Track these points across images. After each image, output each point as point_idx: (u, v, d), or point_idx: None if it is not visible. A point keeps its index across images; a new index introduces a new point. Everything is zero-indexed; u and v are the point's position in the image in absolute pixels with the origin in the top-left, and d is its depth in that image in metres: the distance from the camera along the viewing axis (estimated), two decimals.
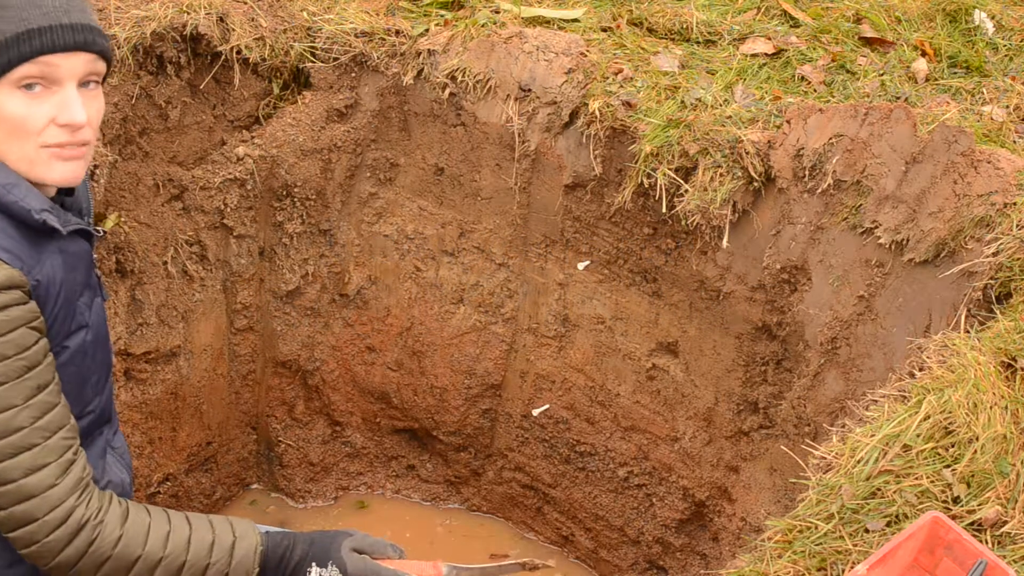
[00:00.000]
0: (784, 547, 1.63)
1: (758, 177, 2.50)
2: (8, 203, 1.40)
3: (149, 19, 2.61)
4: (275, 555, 1.69)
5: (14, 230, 1.41)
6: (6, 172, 1.42)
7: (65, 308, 1.51)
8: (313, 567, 1.71)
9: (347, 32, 2.87)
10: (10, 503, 1.42)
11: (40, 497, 1.43)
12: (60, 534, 1.45)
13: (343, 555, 1.72)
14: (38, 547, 1.45)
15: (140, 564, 1.52)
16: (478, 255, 3.12)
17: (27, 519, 1.44)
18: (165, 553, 1.54)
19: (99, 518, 1.49)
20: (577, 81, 2.71)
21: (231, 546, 1.62)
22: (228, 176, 2.87)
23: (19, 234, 1.42)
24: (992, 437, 1.70)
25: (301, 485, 3.47)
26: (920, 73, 2.74)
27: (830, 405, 2.41)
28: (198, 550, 1.58)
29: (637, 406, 3.05)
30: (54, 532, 1.45)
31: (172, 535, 1.56)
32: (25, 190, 1.42)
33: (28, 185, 1.43)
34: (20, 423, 1.40)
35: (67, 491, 1.45)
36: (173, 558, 1.55)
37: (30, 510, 1.43)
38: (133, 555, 1.51)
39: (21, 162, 1.43)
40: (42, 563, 1.47)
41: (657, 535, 3.13)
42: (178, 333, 2.97)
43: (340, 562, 1.72)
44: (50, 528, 1.45)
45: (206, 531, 1.60)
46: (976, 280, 2.12)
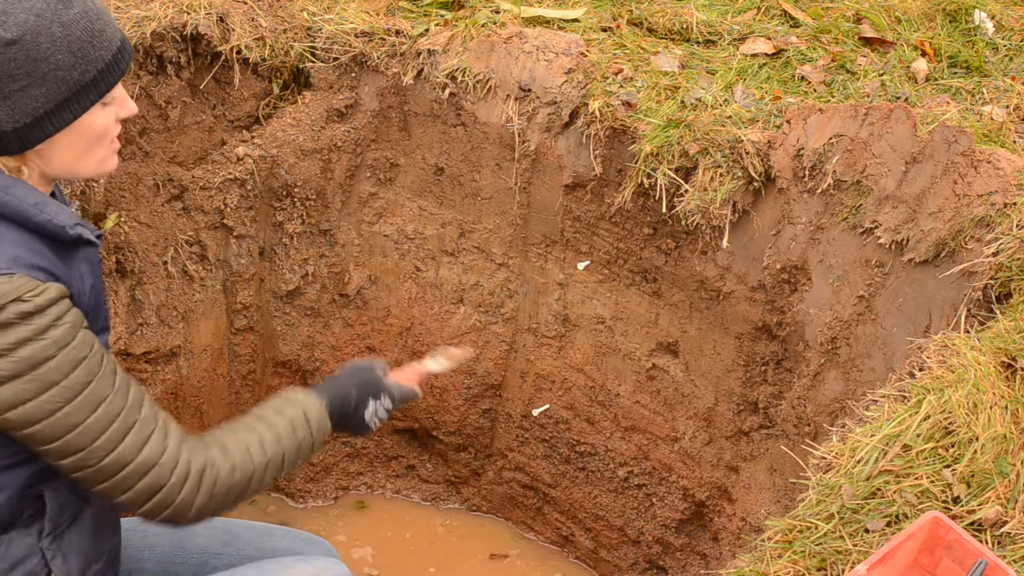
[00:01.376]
0: (784, 547, 1.63)
1: (758, 177, 2.50)
2: (42, 223, 1.46)
3: (149, 19, 2.61)
4: (338, 406, 1.83)
5: (45, 247, 1.47)
6: (33, 192, 1.48)
7: (94, 313, 1.59)
8: (370, 403, 1.88)
9: (347, 32, 2.87)
10: (135, 480, 1.52)
11: (159, 464, 1.53)
12: (188, 488, 1.56)
13: (387, 384, 1.92)
14: (173, 508, 1.56)
15: (255, 477, 1.66)
16: (478, 255, 3.12)
17: (155, 488, 1.54)
18: (268, 457, 1.67)
19: (210, 459, 1.60)
20: (577, 81, 2.71)
21: (305, 419, 1.75)
22: (228, 176, 2.87)
23: (49, 251, 1.48)
24: (992, 437, 1.70)
25: (301, 485, 3.47)
26: (920, 73, 2.75)
27: (830, 405, 2.41)
28: (287, 439, 1.71)
29: (637, 406, 3.05)
30: (183, 489, 1.55)
31: (263, 440, 1.68)
32: (55, 208, 1.48)
33: (56, 202, 1.50)
34: (117, 407, 1.49)
35: (176, 449, 1.56)
36: (274, 456, 1.68)
37: (155, 479, 1.53)
38: (248, 473, 1.64)
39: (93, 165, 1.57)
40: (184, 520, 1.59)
41: (657, 535, 3.13)
42: (178, 333, 2.97)
43: (387, 389, 1.92)
44: (178, 487, 1.55)
45: (281, 419, 1.72)
46: (976, 280, 2.12)
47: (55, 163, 1.52)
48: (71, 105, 1.47)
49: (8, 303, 1.38)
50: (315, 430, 1.76)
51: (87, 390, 1.45)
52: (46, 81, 1.43)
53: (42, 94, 1.43)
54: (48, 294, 1.42)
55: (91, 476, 1.50)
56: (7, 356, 1.39)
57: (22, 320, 1.39)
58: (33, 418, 1.43)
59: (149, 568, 1.98)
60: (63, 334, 1.43)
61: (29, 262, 1.43)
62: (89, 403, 1.46)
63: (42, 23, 1.41)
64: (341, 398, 1.84)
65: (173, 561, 2.00)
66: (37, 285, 1.41)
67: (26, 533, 1.59)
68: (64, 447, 1.46)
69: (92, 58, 1.47)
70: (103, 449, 1.48)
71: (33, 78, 1.42)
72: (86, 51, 1.46)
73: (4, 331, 1.38)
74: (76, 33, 1.45)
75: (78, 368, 1.44)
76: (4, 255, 1.41)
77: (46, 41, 1.42)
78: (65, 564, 1.62)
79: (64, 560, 1.62)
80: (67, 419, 1.44)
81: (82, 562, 1.66)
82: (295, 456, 1.73)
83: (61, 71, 1.44)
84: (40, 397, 1.42)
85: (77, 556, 1.65)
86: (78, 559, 1.65)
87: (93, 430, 1.46)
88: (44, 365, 1.41)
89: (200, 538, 2.03)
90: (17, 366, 1.39)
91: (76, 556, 1.65)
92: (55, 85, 1.44)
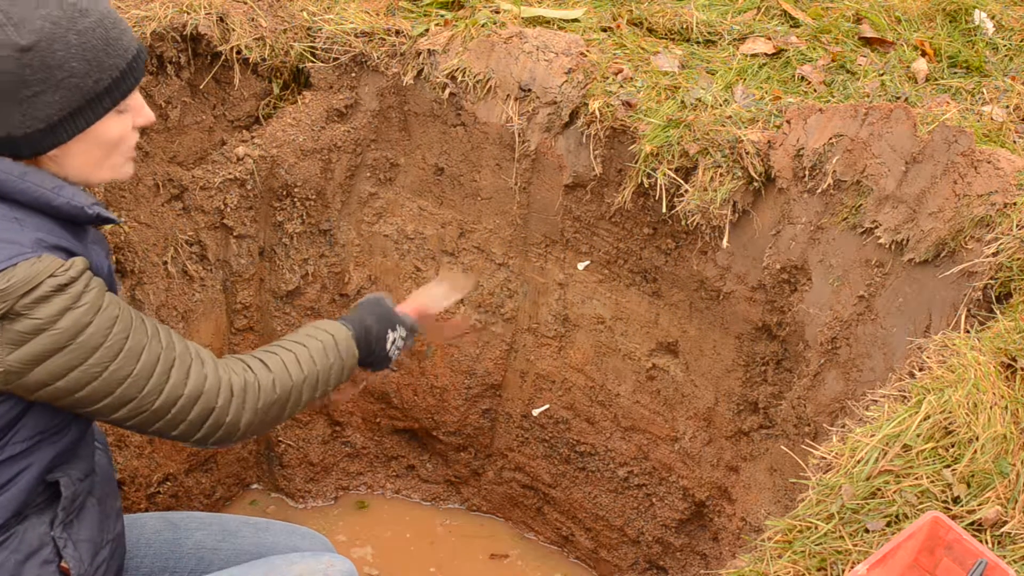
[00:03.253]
0: (784, 547, 1.63)
1: (758, 177, 2.50)
2: (59, 205, 1.51)
3: (149, 19, 2.61)
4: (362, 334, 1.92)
5: (62, 229, 1.52)
6: (48, 176, 1.51)
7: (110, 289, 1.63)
8: (389, 333, 1.98)
9: (347, 32, 2.87)
10: (187, 413, 1.61)
11: (205, 392, 1.62)
12: (235, 406, 1.66)
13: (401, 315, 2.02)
14: (225, 428, 1.66)
15: (293, 392, 1.74)
16: (478, 255, 3.12)
17: (206, 414, 1.63)
18: (305, 374, 1.76)
19: (252, 375, 1.69)
20: (577, 81, 2.71)
21: (335, 343, 1.84)
22: (228, 176, 2.87)
23: (66, 232, 1.53)
24: (992, 437, 1.70)
25: (301, 485, 3.47)
26: (920, 73, 2.75)
27: (830, 405, 2.41)
28: (321, 359, 1.80)
29: (637, 406, 3.05)
30: (231, 408, 1.65)
31: (299, 357, 1.77)
32: (72, 190, 1.53)
33: (71, 185, 1.54)
34: (156, 351, 1.58)
35: (215, 372, 1.65)
36: (310, 374, 1.77)
37: (205, 406, 1.62)
38: (288, 387, 1.73)
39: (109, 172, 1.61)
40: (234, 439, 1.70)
41: (657, 535, 3.13)
42: (178, 333, 2.97)
43: (400, 321, 2.02)
44: (225, 408, 1.65)
45: (314, 342, 1.81)
46: (976, 280, 2.12)
47: (70, 169, 1.55)
48: (85, 113, 1.50)
49: (44, 279, 1.43)
50: (344, 355, 1.85)
51: (128, 344, 1.53)
52: (60, 88, 1.45)
53: (56, 101, 1.46)
54: (76, 266, 1.48)
55: (146, 419, 1.59)
56: (49, 329, 1.44)
57: (58, 291, 1.44)
58: (81, 382, 1.49)
59: (146, 564, 1.99)
60: (95, 297, 1.49)
61: (52, 243, 1.48)
62: (132, 355, 1.53)
63: (58, 31, 1.43)
64: (364, 328, 1.93)
65: (170, 557, 2.01)
66: (64, 261, 1.47)
67: (39, 522, 1.61)
68: (117, 400, 1.54)
69: (107, 66, 1.49)
70: (154, 393, 1.56)
71: (47, 85, 1.44)
72: (101, 59, 1.48)
73: (44, 303, 1.43)
74: (92, 41, 1.47)
75: (115, 326, 1.51)
76: (28, 239, 1.45)
77: (61, 48, 1.44)
78: (76, 552, 1.65)
79: (75, 548, 1.65)
80: (115, 374, 1.52)
81: (91, 550, 1.69)
82: (327, 378, 1.81)
83: (76, 78, 1.46)
84: (87, 361, 1.48)
85: (86, 544, 1.68)
86: (87, 547, 1.68)
87: (141, 378, 1.55)
88: (85, 331, 1.47)
89: (196, 534, 2.04)
90: (60, 337, 1.45)
91: (85, 544, 1.67)
92: (69, 92, 1.46)
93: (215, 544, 2.04)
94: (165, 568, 2.00)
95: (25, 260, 1.42)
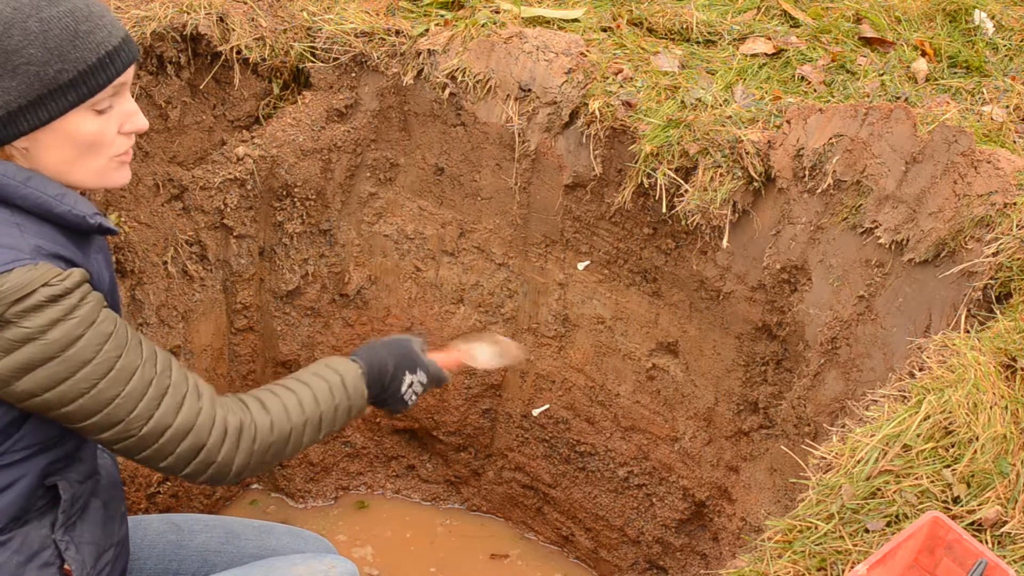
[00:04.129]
0: (784, 547, 1.63)
1: (758, 177, 2.50)
2: (61, 213, 1.48)
3: (149, 19, 2.61)
4: (375, 373, 1.85)
5: (63, 237, 1.49)
6: (52, 183, 1.49)
7: (111, 302, 1.62)
8: (406, 375, 1.89)
9: (347, 32, 2.87)
10: (176, 445, 1.56)
11: (196, 425, 1.57)
12: (228, 446, 1.60)
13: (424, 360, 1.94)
14: (216, 467, 1.60)
15: (293, 434, 1.69)
16: (478, 255, 3.12)
17: (195, 450, 1.57)
18: (306, 416, 1.71)
19: (248, 416, 1.64)
20: (577, 81, 2.71)
21: (342, 383, 1.78)
22: (228, 176, 2.87)
23: (68, 240, 1.50)
24: (992, 437, 1.70)
25: (301, 485, 3.47)
26: (920, 73, 2.74)
27: (830, 405, 2.41)
28: (325, 400, 1.74)
29: (637, 406, 3.05)
30: (223, 447, 1.60)
31: (301, 399, 1.72)
32: (74, 198, 1.50)
33: (74, 192, 1.52)
34: (149, 375, 1.53)
35: (211, 408, 1.60)
36: (312, 416, 1.72)
37: (194, 441, 1.57)
38: (287, 430, 1.68)
39: (91, 175, 1.55)
40: (227, 479, 1.62)
41: (657, 535, 3.13)
42: (178, 333, 2.98)
43: (423, 366, 1.93)
44: (217, 446, 1.59)
45: (319, 382, 1.76)
46: (976, 280, 2.12)
47: (42, 165, 1.51)
48: (47, 103, 1.46)
49: (38, 287, 1.41)
50: (352, 395, 1.79)
51: (119, 363, 1.49)
52: (17, 75, 1.43)
53: (13, 87, 1.43)
54: (73, 277, 1.45)
55: (133, 446, 1.54)
56: (39, 339, 1.42)
57: (51, 302, 1.42)
58: (68, 397, 1.46)
59: (150, 567, 1.99)
60: (89, 312, 1.46)
61: (50, 251, 1.46)
62: (122, 376, 1.49)
63: (18, 16, 1.42)
64: (378, 367, 1.85)
65: (173, 559, 2.01)
66: (61, 271, 1.44)
67: (40, 525, 1.61)
68: (103, 421, 1.50)
69: (72, 58, 1.45)
70: (141, 418, 1.52)
71: (4, 69, 1.42)
72: (65, 50, 1.45)
73: (36, 313, 1.41)
74: (55, 31, 1.44)
75: (107, 343, 1.48)
76: (27, 245, 1.43)
77: (19, 34, 1.42)
78: (79, 555, 1.64)
79: (77, 551, 1.64)
80: (103, 394, 1.48)
81: (94, 552, 1.68)
82: (332, 419, 1.76)
83: (34, 66, 1.43)
84: (75, 375, 1.45)
85: (89, 547, 1.67)
86: (90, 549, 1.67)
87: (129, 401, 1.50)
88: (75, 344, 1.44)
89: (200, 536, 2.04)
90: (48, 348, 1.42)
91: (88, 547, 1.67)
92: (27, 80, 1.43)
93: (219, 547, 2.04)
94: (168, 570, 2.00)
95: (22, 266, 1.40)
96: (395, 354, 1.90)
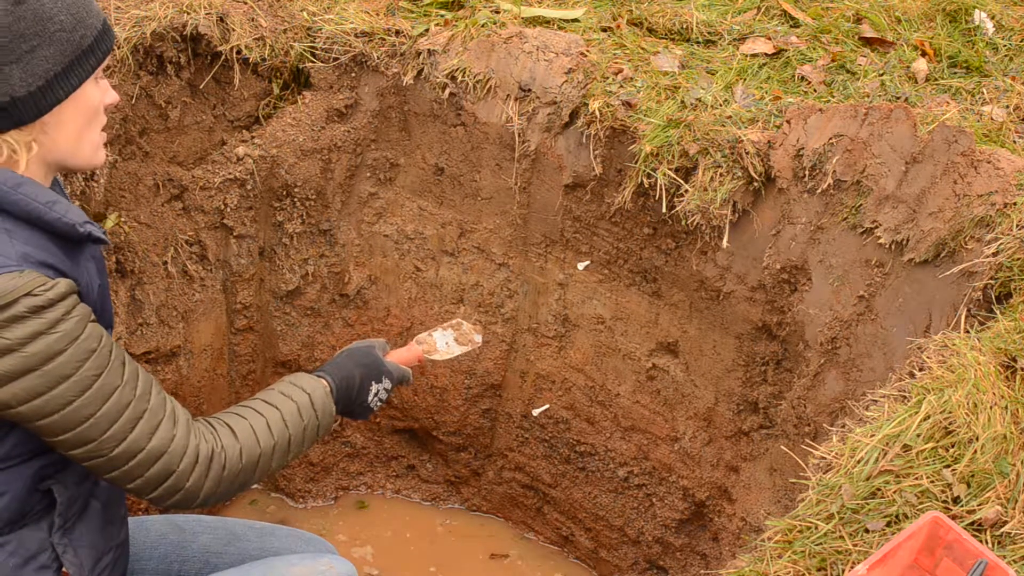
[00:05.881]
0: (784, 547, 1.63)
1: (758, 177, 2.50)
2: (51, 220, 1.47)
3: (149, 19, 2.61)
4: (344, 388, 1.86)
5: (53, 245, 1.49)
6: (43, 190, 1.49)
7: (101, 312, 1.61)
8: (373, 385, 1.91)
9: (347, 32, 2.87)
10: (146, 468, 1.55)
11: (168, 452, 1.56)
12: (197, 473, 1.60)
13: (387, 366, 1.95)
14: (183, 493, 1.60)
15: (262, 459, 1.69)
16: (478, 255, 3.12)
17: (165, 475, 1.57)
18: (275, 440, 1.70)
19: (218, 443, 1.63)
20: (577, 81, 2.71)
21: (310, 403, 1.77)
22: (228, 176, 2.87)
23: (57, 248, 1.49)
24: (992, 437, 1.70)
25: (301, 485, 3.47)
26: (920, 73, 2.74)
27: (830, 405, 2.41)
28: (293, 421, 1.73)
29: (637, 406, 3.05)
30: (192, 474, 1.59)
31: (270, 423, 1.71)
32: (65, 206, 1.50)
33: (65, 200, 1.52)
34: (127, 398, 1.52)
35: (185, 435, 1.59)
36: (280, 439, 1.71)
37: (165, 466, 1.56)
38: (256, 456, 1.67)
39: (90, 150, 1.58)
40: (193, 504, 1.62)
41: (657, 535, 3.13)
42: (178, 333, 2.98)
43: (387, 373, 1.95)
44: (187, 473, 1.58)
45: (287, 403, 1.75)
46: (976, 280, 2.12)
47: (59, 139, 1.53)
48: (76, 69, 1.50)
49: (20, 297, 1.39)
50: (320, 414, 1.78)
51: (97, 382, 1.48)
52: (53, 42, 1.46)
53: (51, 55, 1.46)
54: (58, 289, 1.43)
55: (103, 465, 1.53)
56: (18, 351, 1.40)
57: (34, 314, 1.40)
58: (44, 411, 1.45)
59: (151, 567, 1.99)
60: (73, 327, 1.45)
61: (38, 259, 1.44)
62: (100, 395, 1.48)
63: None
64: (346, 382, 1.86)
65: (175, 560, 2.01)
66: (46, 281, 1.43)
67: (37, 528, 1.61)
68: (76, 438, 1.49)
69: (88, 24, 1.51)
70: (114, 439, 1.51)
71: (42, 38, 1.45)
72: (83, 16, 1.50)
73: (16, 325, 1.39)
74: None
75: (88, 361, 1.46)
76: (14, 252, 1.42)
77: (49, 1, 1.45)
78: (76, 557, 1.64)
79: (75, 553, 1.64)
80: (78, 412, 1.47)
81: (93, 555, 1.68)
82: (301, 440, 1.75)
83: (65, 32, 1.47)
84: (52, 391, 1.44)
85: (87, 549, 1.67)
86: (88, 552, 1.67)
87: (104, 421, 1.49)
88: (55, 359, 1.43)
89: (202, 537, 2.04)
90: (28, 361, 1.41)
91: (86, 549, 1.66)
92: (61, 46, 1.47)
93: (220, 548, 2.04)
94: (170, 571, 2.00)
95: (7, 273, 1.39)
96: (361, 365, 1.91)
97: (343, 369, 1.88)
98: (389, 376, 1.96)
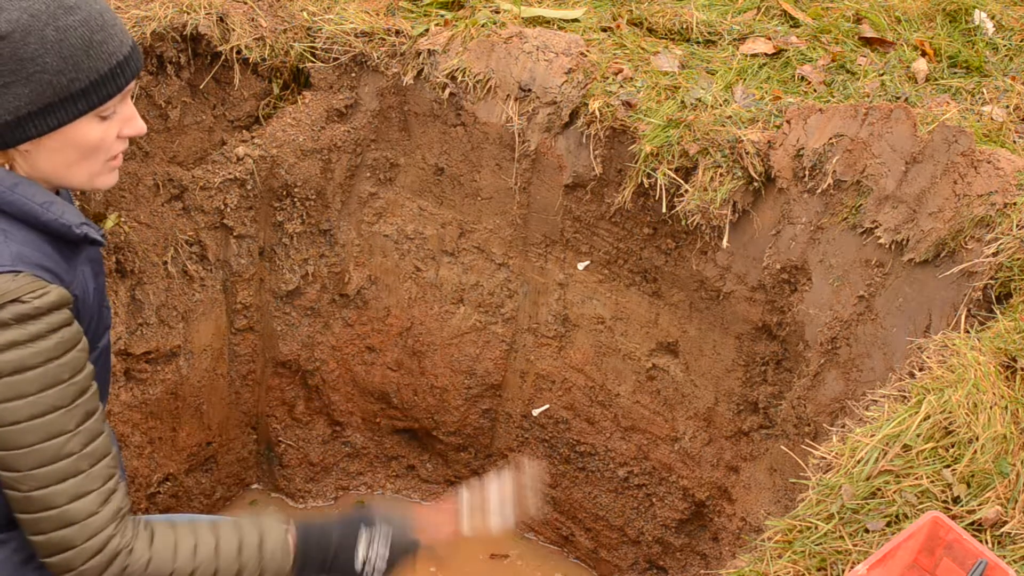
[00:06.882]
0: (784, 547, 1.63)
1: (758, 177, 2.50)
2: (48, 221, 1.45)
3: (149, 19, 2.61)
4: (313, 541, 1.69)
5: (49, 247, 1.46)
6: (40, 190, 1.47)
7: (97, 314, 1.58)
8: (359, 551, 1.69)
9: (347, 32, 2.87)
10: (51, 528, 1.46)
11: (80, 524, 1.46)
12: (95, 563, 1.48)
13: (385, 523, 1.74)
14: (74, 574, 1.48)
15: None
16: (478, 255, 3.12)
17: (65, 546, 1.46)
18: (195, 565, 1.57)
19: (129, 545, 1.51)
20: (577, 81, 2.71)
21: (258, 545, 1.63)
22: (228, 176, 2.87)
23: (53, 250, 1.46)
24: (992, 437, 1.70)
25: (301, 485, 3.47)
26: (920, 73, 2.74)
27: (830, 405, 2.41)
28: (227, 556, 1.60)
29: (637, 406, 3.05)
30: (89, 561, 1.48)
31: (199, 547, 1.58)
32: (61, 207, 1.47)
33: (62, 201, 1.49)
34: (71, 449, 1.43)
35: (106, 520, 1.48)
36: (203, 569, 1.58)
37: (69, 536, 1.46)
38: (163, 573, 1.54)
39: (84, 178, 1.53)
40: None
41: (657, 535, 3.13)
42: (178, 333, 2.98)
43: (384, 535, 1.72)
44: (86, 556, 1.47)
45: (232, 537, 1.62)
46: (976, 280, 2.12)
47: (41, 167, 1.49)
48: (56, 111, 1.44)
49: (7, 303, 1.36)
50: (266, 559, 1.63)
51: (49, 416, 1.41)
52: (31, 82, 1.41)
53: (25, 94, 1.42)
54: (48, 298, 1.40)
55: (16, 501, 1.46)
56: None
57: (17, 323, 1.37)
58: None
59: None
60: (52, 347, 1.40)
61: (34, 261, 1.42)
62: (44, 430, 1.41)
63: (35, 24, 1.40)
64: (317, 535, 1.69)
65: None
66: (40, 286, 1.40)
67: None
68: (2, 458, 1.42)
69: (85, 68, 1.44)
70: (35, 481, 1.43)
71: (18, 76, 1.41)
72: (79, 59, 1.44)
73: None
74: (71, 40, 1.42)
75: (51, 390, 1.41)
76: (9, 252, 1.40)
77: (35, 42, 1.40)
78: None
79: None
80: (17, 435, 1.40)
81: None
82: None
83: (48, 75, 1.42)
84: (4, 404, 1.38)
85: None
86: None
87: (34, 458, 1.42)
88: (22, 374, 1.38)
89: None
90: None
91: None
92: (40, 88, 1.42)
93: None
94: None
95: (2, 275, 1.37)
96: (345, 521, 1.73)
97: (324, 522, 1.72)
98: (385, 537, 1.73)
